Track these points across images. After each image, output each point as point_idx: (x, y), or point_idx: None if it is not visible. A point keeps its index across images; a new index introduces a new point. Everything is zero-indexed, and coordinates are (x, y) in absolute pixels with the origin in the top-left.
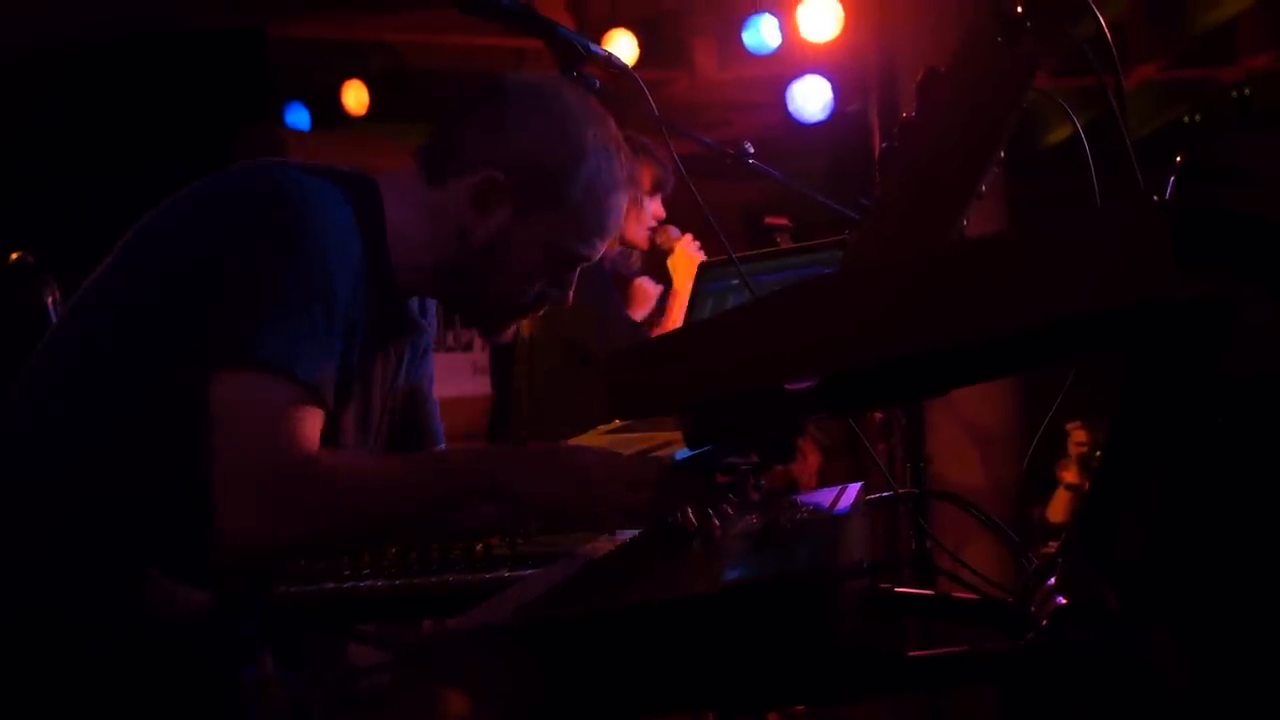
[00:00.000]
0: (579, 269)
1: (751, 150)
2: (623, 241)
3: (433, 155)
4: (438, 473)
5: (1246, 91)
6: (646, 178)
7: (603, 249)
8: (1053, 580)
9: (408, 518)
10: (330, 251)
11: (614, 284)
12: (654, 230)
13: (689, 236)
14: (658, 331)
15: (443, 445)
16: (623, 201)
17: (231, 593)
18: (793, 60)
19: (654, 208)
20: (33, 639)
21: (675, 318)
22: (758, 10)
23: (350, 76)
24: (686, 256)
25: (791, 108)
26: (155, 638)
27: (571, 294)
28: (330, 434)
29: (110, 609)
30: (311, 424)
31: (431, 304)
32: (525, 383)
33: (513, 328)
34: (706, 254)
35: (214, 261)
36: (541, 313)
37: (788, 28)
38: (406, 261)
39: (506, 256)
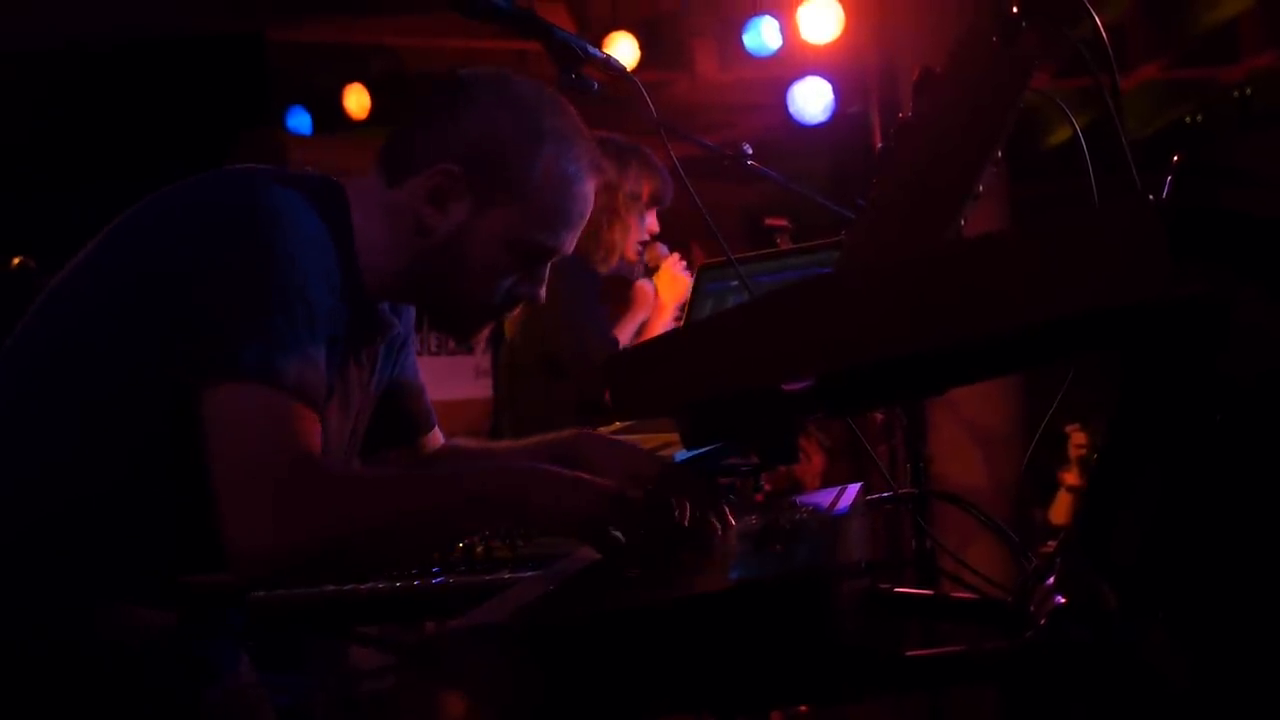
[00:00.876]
0: (550, 263)
1: (750, 152)
2: (621, 258)
3: (390, 156)
4: (447, 483)
5: (1248, 91)
6: (645, 190)
7: (571, 241)
8: (1051, 580)
9: (417, 525)
10: (305, 258)
11: (608, 287)
12: (644, 244)
13: (675, 256)
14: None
15: (435, 427)
16: (590, 190)
17: (194, 611)
18: (793, 62)
19: (651, 220)
20: None
21: (655, 334)
22: (758, 12)
23: (351, 80)
24: (670, 276)
25: (792, 109)
26: (114, 662)
27: (544, 291)
28: None
29: (66, 632)
30: (309, 427)
31: (408, 311)
32: (505, 391)
33: (486, 330)
34: (706, 255)
35: (188, 274)
36: (522, 317)
37: (788, 29)
38: (373, 265)
39: (468, 252)
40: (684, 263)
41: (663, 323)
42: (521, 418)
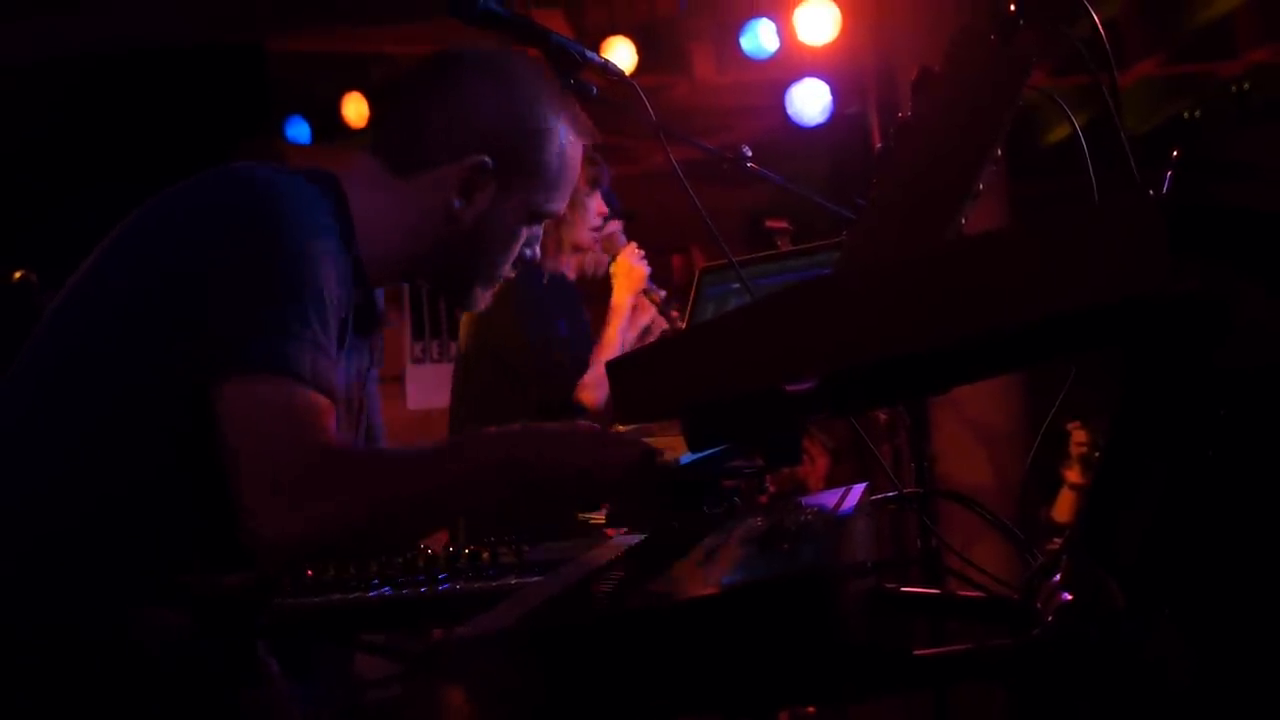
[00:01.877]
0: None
1: (749, 154)
2: (575, 248)
3: (397, 144)
4: (461, 453)
5: (1246, 86)
6: (582, 175)
7: (567, 199)
8: (1058, 577)
9: (436, 500)
10: (313, 249)
11: (590, 290)
12: (599, 231)
13: (633, 245)
14: (603, 344)
15: (383, 440)
16: (581, 152)
17: (217, 611)
18: (791, 64)
19: (595, 205)
20: (8, 669)
21: (611, 330)
22: (755, 15)
23: (350, 89)
24: (627, 266)
25: (790, 111)
26: (141, 664)
27: (539, 248)
28: None
29: (93, 636)
30: (326, 416)
31: (379, 293)
32: (458, 397)
33: (490, 296)
34: (707, 258)
35: (195, 274)
36: (472, 323)
37: (785, 31)
38: (376, 254)
39: (491, 232)
40: (640, 252)
41: (621, 314)
42: (471, 422)
